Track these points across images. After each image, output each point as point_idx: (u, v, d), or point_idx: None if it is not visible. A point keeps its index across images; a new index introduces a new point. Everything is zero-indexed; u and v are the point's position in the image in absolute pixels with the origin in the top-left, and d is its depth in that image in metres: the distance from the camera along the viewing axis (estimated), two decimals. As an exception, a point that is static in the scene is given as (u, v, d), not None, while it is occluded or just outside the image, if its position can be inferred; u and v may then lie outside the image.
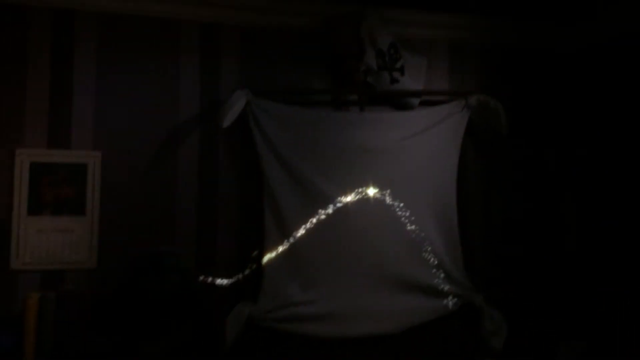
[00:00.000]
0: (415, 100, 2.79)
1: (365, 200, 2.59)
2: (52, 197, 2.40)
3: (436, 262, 2.64)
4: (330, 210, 2.54)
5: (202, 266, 2.53)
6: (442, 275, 2.65)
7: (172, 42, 2.61)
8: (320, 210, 2.54)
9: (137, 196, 2.51)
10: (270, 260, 2.51)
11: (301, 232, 2.52)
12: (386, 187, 2.62)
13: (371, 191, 2.60)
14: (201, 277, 2.49)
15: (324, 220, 2.54)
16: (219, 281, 2.53)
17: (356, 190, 2.59)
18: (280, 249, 2.52)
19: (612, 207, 2.75)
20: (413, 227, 2.62)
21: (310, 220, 2.53)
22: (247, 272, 2.56)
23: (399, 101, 2.79)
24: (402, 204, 2.62)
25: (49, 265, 2.38)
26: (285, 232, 2.52)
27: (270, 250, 2.52)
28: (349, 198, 2.57)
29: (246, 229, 2.61)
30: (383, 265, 2.57)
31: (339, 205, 2.55)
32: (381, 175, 2.63)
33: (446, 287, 2.65)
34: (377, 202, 2.60)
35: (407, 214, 2.62)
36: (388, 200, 2.61)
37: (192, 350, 2.34)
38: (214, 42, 2.65)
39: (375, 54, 2.65)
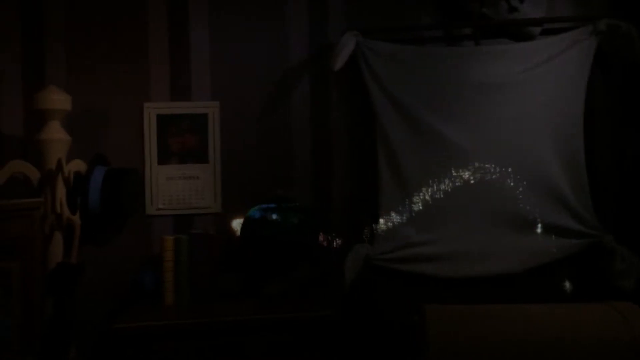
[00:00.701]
0: (536, 30, 2.59)
1: (483, 139, 2.49)
2: (177, 146, 2.56)
3: (561, 201, 2.49)
4: (446, 149, 2.47)
5: (318, 209, 2.60)
6: (568, 214, 2.50)
7: (279, -12, 2.62)
8: (436, 151, 2.48)
9: (254, 143, 2.61)
10: (385, 201, 2.50)
11: (417, 173, 2.48)
12: (506, 123, 2.49)
13: (490, 128, 2.49)
14: (318, 219, 2.54)
15: (440, 160, 2.48)
16: (336, 222, 2.58)
17: (474, 128, 2.49)
18: (395, 190, 2.50)
19: None
20: (536, 164, 2.48)
21: (426, 161, 2.48)
22: (362, 213, 2.58)
23: (518, 31, 2.60)
24: (524, 141, 2.48)
25: (179, 210, 2.56)
26: (399, 174, 2.50)
27: (384, 191, 2.51)
28: (466, 136, 2.48)
29: (360, 172, 2.62)
30: (505, 204, 2.47)
31: (455, 144, 2.47)
32: (500, 112, 2.50)
33: (572, 227, 2.50)
34: (496, 139, 2.49)
35: (530, 151, 2.48)
36: (508, 137, 2.48)
37: (313, 290, 2.43)
38: (321, -17, 2.62)
39: (491, -19, 2.48)
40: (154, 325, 2.11)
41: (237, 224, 2.48)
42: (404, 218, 2.48)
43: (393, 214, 2.49)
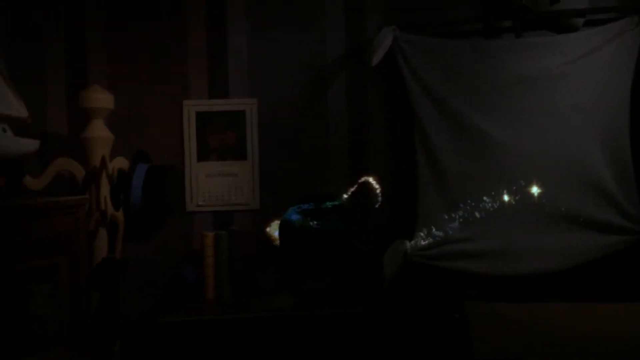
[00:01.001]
0: (579, 21, 2.52)
1: (524, 133, 2.44)
2: (216, 143, 2.58)
3: (606, 196, 2.43)
4: (486, 144, 2.43)
5: (356, 205, 2.58)
6: (613, 210, 2.43)
7: (316, -15, 2.62)
8: (475, 146, 2.44)
9: (291, 139, 2.61)
10: (425, 198, 2.48)
11: (456, 169, 2.45)
12: (548, 117, 2.43)
13: (530, 122, 2.44)
14: (357, 216, 2.53)
15: (480, 156, 2.44)
16: (374, 219, 2.57)
17: (514, 122, 2.44)
18: (434, 186, 2.47)
19: None
20: (580, 159, 2.42)
21: (465, 157, 2.45)
22: (400, 210, 2.57)
23: (559, 23, 2.53)
24: (566, 135, 2.42)
25: (218, 207, 2.59)
26: (439, 170, 2.47)
27: (423, 188, 2.49)
28: (506, 131, 2.43)
29: (398, 168, 2.60)
30: (547, 200, 2.41)
31: (495, 138, 2.43)
32: (541, 105, 2.44)
33: (617, 223, 2.43)
34: (537, 134, 2.43)
35: (573, 145, 2.42)
36: (550, 131, 2.43)
37: (351, 287, 2.43)
38: (358, -21, 2.61)
39: (532, -29, 2.43)
40: (195, 320, 2.14)
41: (275, 227, 2.48)
42: (444, 214, 2.45)
43: (432, 211, 2.46)
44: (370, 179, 2.51)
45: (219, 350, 2.13)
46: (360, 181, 2.52)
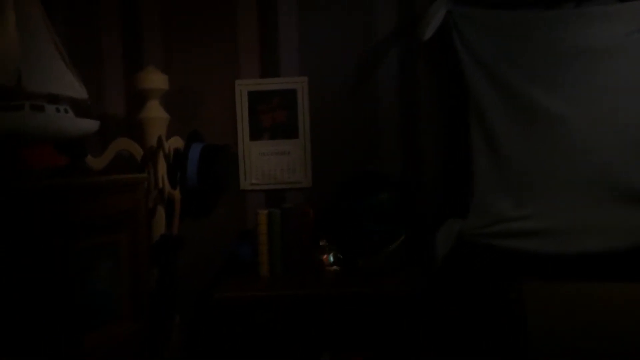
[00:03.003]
0: (646, -13, 2.38)
1: (586, 108, 2.33)
2: (268, 122, 2.60)
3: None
4: (545, 120, 2.34)
5: (408, 184, 2.56)
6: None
7: (365, -40, 2.57)
8: (534, 122, 2.36)
9: (342, 117, 2.60)
10: (480, 176, 2.42)
11: (513, 145, 2.37)
12: (611, 91, 2.32)
13: (593, 97, 2.33)
14: (408, 195, 2.51)
15: (539, 131, 2.35)
16: (426, 198, 2.54)
17: (575, 96, 2.34)
18: (490, 164, 2.41)
19: None
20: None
21: (523, 132, 2.37)
22: (455, 188, 2.52)
23: (624, -10, 2.40)
24: (631, 109, 2.30)
25: (271, 185, 2.61)
26: (495, 147, 2.39)
27: (478, 165, 2.43)
28: (566, 106, 2.34)
29: (451, 145, 2.55)
30: (609, 177, 2.30)
31: (555, 114, 2.34)
32: (605, 78, 2.32)
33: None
34: (600, 108, 2.32)
35: (638, 120, 2.30)
36: (614, 105, 2.31)
37: (405, 266, 2.41)
38: (409, -50, 2.55)
39: None
40: (251, 296, 2.18)
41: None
42: (500, 192, 2.39)
43: (488, 188, 2.40)
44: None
45: (273, 325, 2.16)
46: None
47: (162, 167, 2.30)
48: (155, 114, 2.33)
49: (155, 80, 2.32)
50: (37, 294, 1.54)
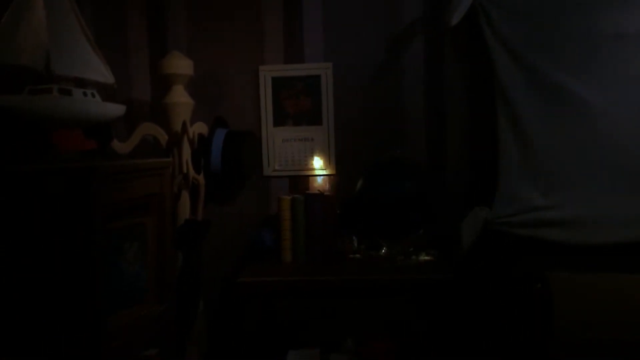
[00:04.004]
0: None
1: (618, 96, 2.27)
2: (292, 108, 2.59)
3: None
4: (575, 108, 2.29)
5: (433, 171, 2.54)
6: None
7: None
8: (563, 110, 2.30)
9: (367, 103, 2.58)
10: (506, 163, 2.38)
11: (541, 133, 2.32)
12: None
13: (625, 85, 2.27)
14: (433, 182, 2.48)
15: (567, 119, 2.30)
16: (452, 185, 2.52)
17: (607, 84, 2.28)
18: (517, 151, 2.36)
19: None
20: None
21: (552, 120, 2.31)
22: (481, 175, 2.49)
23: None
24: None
25: (294, 171, 2.61)
26: (522, 135, 2.34)
27: (505, 153, 2.38)
28: (598, 94, 2.28)
29: (477, 132, 2.51)
30: (638, 167, 2.26)
31: (586, 102, 2.28)
32: (636, 66, 2.27)
33: None
34: (633, 96, 2.26)
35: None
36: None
37: (429, 254, 2.39)
38: None
39: None
40: (273, 281, 2.18)
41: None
42: (527, 180, 2.34)
43: (514, 176, 2.36)
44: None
45: (295, 310, 2.17)
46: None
47: (186, 152, 2.31)
48: (180, 99, 2.33)
49: (180, 65, 2.32)
50: (66, 272, 1.56)
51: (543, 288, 2.25)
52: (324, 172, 2.60)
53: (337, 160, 2.59)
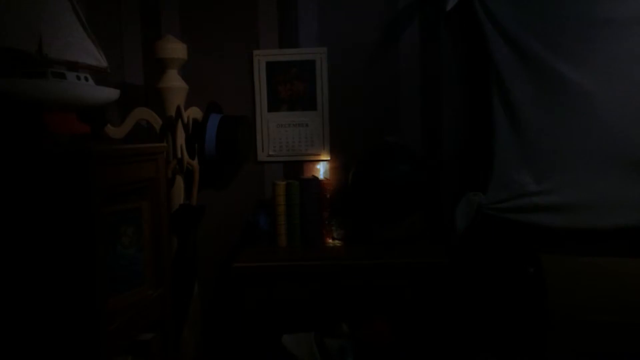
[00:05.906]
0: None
1: (610, 80, 2.28)
2: (287, 93, 2.58)
3: None
4: (568, 92, 2.30)
5: (428, 156, 2.55)
6: None
7: None
8: (557, 94, 2.31)
9: (362, 88, 2.57)
10: (501, 149, 2.39)
11: (535, 118, 2.33)
12: (637, 63, 2.27)
13: (617, 69, 2.27)
14: (428, 167, 2.49)
15: (562, 104, 2.31)
16: (446, 171, 2.53)
17: (599, 69, 2.28)
18: (512, 137, 2.37)
19: None
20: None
21: (545, 105, 2.32)
22: (475, 161, 2.50)
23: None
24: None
25: (289, 157, 2.60)
26: (516, 120, 2.35)
27: (500, 138, 2.39)
28: (590, 78, 2.29)
29: (472, 118, 2.52)
30: (632, 150, 2.27)
31: (578, 86, 2.29)
32: (630, 50, 2.26)
33: None
34: (625, 80, 2.27)
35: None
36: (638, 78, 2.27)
37: (423, 238, 2.41)
38: None
39: None
40: (269, 266, 2.20)
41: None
42: (521, 165, 2.36)
43: (508, 161, 2.37)
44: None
45: (290, 294, 2.18)
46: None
47: (180, 137, 2.30)
48: (174, 83, 2.31)
49: (174, 49, 2.30)
50: (63, 255, 1.55)
51: (536, 271, 2.28)
52: (319, 158, 2.59)
53: (332, 146, 2.59)
